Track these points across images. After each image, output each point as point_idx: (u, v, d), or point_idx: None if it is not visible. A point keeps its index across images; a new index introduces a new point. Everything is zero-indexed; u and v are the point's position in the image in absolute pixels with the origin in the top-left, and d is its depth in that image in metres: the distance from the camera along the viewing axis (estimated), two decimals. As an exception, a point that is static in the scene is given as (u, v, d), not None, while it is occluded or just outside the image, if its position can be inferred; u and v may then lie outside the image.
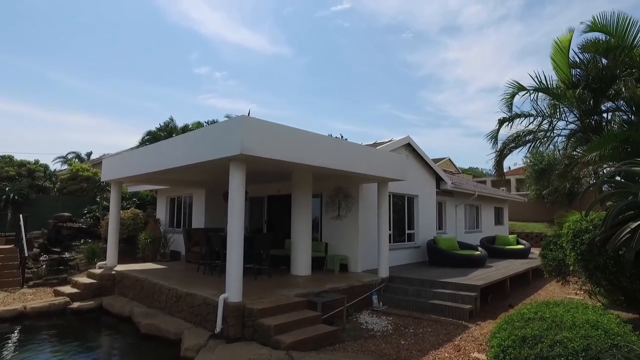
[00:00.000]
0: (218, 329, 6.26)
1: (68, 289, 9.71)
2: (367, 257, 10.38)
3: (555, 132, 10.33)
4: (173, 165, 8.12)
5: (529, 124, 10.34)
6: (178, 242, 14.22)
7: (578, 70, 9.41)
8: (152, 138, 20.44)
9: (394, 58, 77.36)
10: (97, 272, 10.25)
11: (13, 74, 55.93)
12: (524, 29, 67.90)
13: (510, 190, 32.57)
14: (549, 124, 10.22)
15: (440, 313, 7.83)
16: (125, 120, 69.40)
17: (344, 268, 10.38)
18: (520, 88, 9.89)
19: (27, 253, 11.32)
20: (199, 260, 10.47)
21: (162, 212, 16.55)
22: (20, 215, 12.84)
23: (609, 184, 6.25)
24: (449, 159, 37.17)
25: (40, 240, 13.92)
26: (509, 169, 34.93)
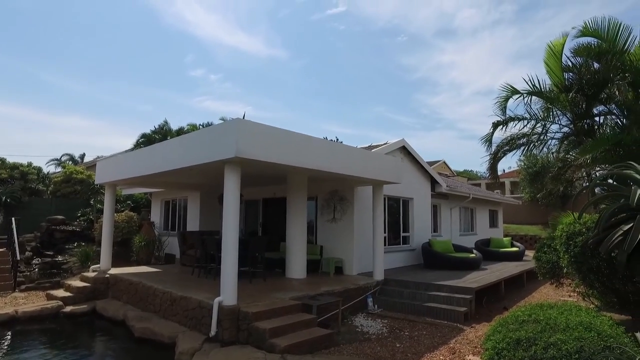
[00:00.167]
0: (213, 333, 6.23)
1: (61, 293, 9.63)
2: (362, 260, 10.39)
3: (549, 135, 10.43)
4: (168, 168, 8.09)
5: (523, 127, 10.43)
6: (173, 245, 14.15)
7: (571, 74, 9.50)
8: (146, 141, 20.34)
9: (390, 61, 77.83)
10: (90, 275, 10.16)
11: (6, 76, 55.56)
12: (518, 33, 68.55)
13: (505, 193, 32.75)
14: (543, 127, 10.31)
15: (436, 316, 7.84)
16: (120, 123, 69.12)
17: (339, 271, 10.38)
18: (514, 91, 9.98)
19: (19, 256, 11.20)
20: (194, 264, 10.41)
21: (156, 214, 16.47)
22: (13, 219, 12.71)
23: (602, 187, 6.31)
24: (444, 162, 37.35)
25: (33, 244, 13.79)
26: (504, 172, 35.12)
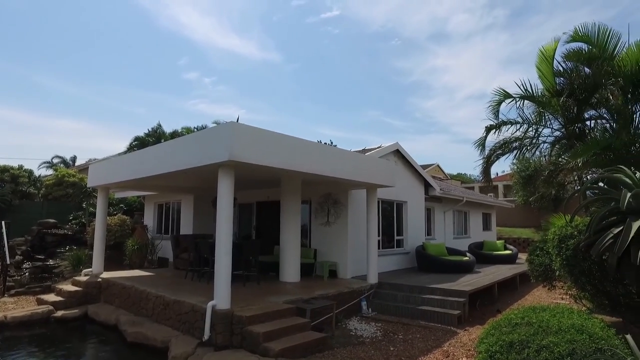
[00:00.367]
0: (206, 337, 6.18)
1: (52, 297, 9.50)
2: (356, 263, 10.39)
3: (541, 139, 10.51)
4: (161, 172, 8.05)
5: (516, 131, 10.51)
6: (166, 248, 14.05)
7: (562, 79, 9.61)
8: (140, 144, 20.27)
9: (383, 65, 78.16)
10: (82, 279, 10.06)
11: (-2, 78, 54.99)
12: (510, 38, 69.25)
13: (498, 196, 32.96)
14: (535, 131, 10.40)
15: (429, 319, 7.86)
16: (113, 126, 68.63)
17: (333, 274, 10.37)
18: (507, 96, 10.06)
19: (9, 261, 11.06)
20: (187, 267, 10.36)
21: (149, 218, 16.35)
22: (2, 222, 12.55)
23: (593, 190, 6.37)
24: (438, 165, 37.47)
25: (24, 248, 13.63)
26: (497, 175, 35.41)
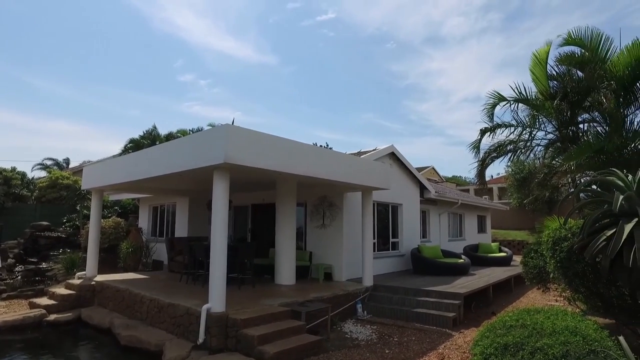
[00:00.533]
0: (200, 340, 6.15)
1: (44, 301, 9.41)
2: (351, 265, 10.38)
3: (535, 142, 10.61)
4: (156, 174, 8.01)
5: (510, 134, 10.61)
6: (161, 251, 13.97)
7: (555, 82, 9.71)
8: (135, 146, 20.16)
9: (379, 67, 78.36)
10: (76, 282, 9.97)
11: (-9, 80, 54.57)
12: (505, 42, 69.78)
13: (493, 199, 33.14)
14: (529, 134, 10.49)
15: (424, 321, 7.86)
16: (108, 128, 68.28)
17: (329, 277, 10.36)
18: (501, 99, 10.15)
19: (0, 264, 10.95)
20: (182, 270, 10.30)
21: (144, 220, 16.26)
22: (-5, 225, 12.46)
23: (586, 193, 6.42)
24: (433, 168, 37.63)
25: (16, 251, 13.48)
26: (492, 178, 35.55)
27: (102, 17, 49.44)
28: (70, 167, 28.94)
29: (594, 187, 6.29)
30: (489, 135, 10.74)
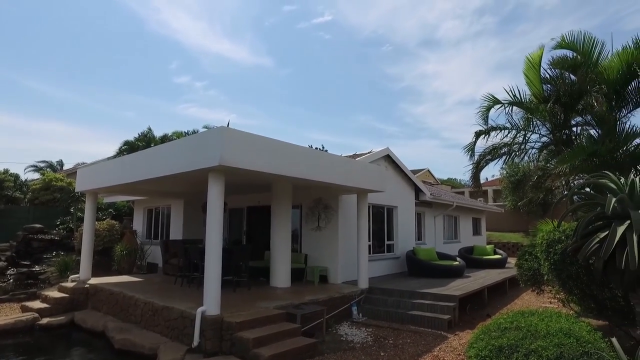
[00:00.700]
0: (195, 343, 6.11)
1: (37, 304, 9.31)
2: (346, 268, 10.38)
3: (529, 144, 10.65)
4: (151, 176, 7.98)
5: (505, 137, 10.64)
6: (155, 254, 13.90)
7: (549, 86, 9.77)
8: (129, 148, 20.07)
9: (375, 70, 78.73)
10: (69, 285, 9.88)
11: (-16, 81, 54.11)
12: (499, 45, 70.36)
13: (488, 201, 33.25)
14: (523, 137, 10.53)
15: (420, 324, 7.87)
16: (102, 129, 67.96)
17: (324, 279, 10.35)
18: (496, 101, 10.19)
19: (-7, 267, 10.83)
20: (177, 273, 10.25)
21: (139, 223, 16.18)
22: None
23: (579, 196, 6.46)
24: (428, 170, 37.73)
25: (8, 253, 13.35)
26: (487, 180, 35.73)
27: (97, 18, 49.28)
28: (64, 169, 28.74)
29: (588, 189, 6.33)
30: (484, 138, 10.77)
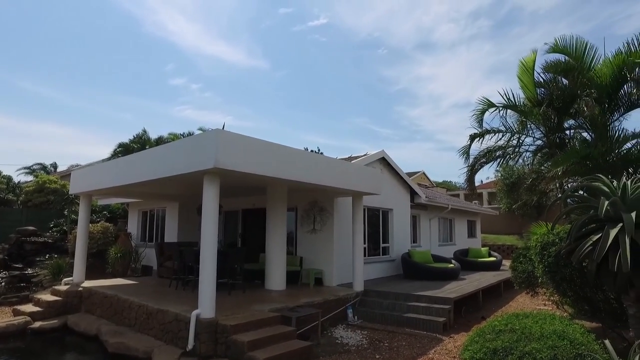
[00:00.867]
0: (190, 346, 6.08)
1: (29, 308, 9.22)
2: (342, 271, 10.37)
3: (523, 147, 10.73)
4: (145, 178, 7.95)
5: (499, 140, 10.71)
6: (150, 256, 13.81)
7: (542, 90, 9.86)
8: (124, 150, 19.95)
9: (370, 73, 79.02)
10: (62, 288, 9.79)
11: (-23, 82, 53.60)
12: (494, 48, 70.91)
13: (483, 204, 33.39)
14: (518, 140, 10.61)
15: (415, 326, 7.88)
16: (97, 131, 67.62)
17: (319, 282, 10.33)
18: (490, 105, 10.26)
19: (-15, 270, 10.71)
20: (172, 276, 10.20)
21: (133, 225, 16.08)
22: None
23: (573, 199, 6.52)
24: (424, 173, 37.84)
25: (0, 256, 13.21)
26: (482, 183, 35.96)
27: (93, 19, 49.07)
28: (58, 171, 28.52)
29: (581, 192, 6.39)
30: (479, 141, 10.83)
